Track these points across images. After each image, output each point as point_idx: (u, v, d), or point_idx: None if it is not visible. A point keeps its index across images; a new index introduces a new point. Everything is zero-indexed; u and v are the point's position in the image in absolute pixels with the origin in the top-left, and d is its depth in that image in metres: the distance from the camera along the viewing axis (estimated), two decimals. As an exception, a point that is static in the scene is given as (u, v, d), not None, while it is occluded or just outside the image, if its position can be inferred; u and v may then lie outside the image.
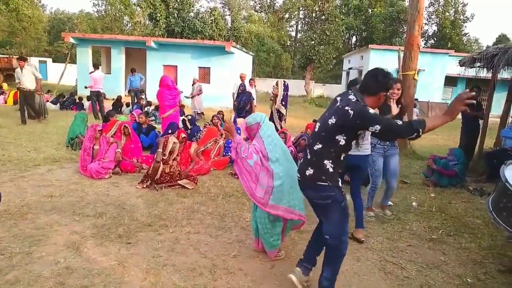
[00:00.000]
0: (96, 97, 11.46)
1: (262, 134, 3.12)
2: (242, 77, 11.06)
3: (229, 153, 6.61)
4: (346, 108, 2.37)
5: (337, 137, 2.42)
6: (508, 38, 33.57)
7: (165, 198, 4.71)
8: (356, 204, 3.80)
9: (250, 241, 3.61)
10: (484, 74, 7.78)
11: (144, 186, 5.08)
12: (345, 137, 2.42)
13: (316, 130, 2.58)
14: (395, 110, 4.04)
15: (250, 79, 12.25)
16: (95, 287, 2.70)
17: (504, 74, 7.40)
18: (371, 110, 2.34)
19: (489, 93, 7.95)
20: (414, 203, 5.09)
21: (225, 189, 5.24)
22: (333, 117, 2.42)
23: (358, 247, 3.62)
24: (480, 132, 7.32)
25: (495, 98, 8.38)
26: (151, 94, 14.06)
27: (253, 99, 10.21)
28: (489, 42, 52.92)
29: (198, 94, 12.81)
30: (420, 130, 2.27)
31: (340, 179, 2.53)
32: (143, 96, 13.75)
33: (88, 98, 13.80)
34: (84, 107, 13.10)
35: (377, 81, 2.49)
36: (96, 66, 12.41)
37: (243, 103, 9.73)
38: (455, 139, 8.83)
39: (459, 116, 7.10)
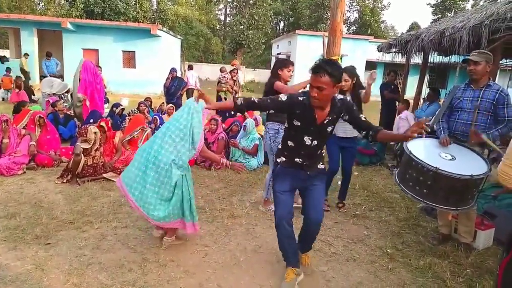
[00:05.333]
0: None
1: None
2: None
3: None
4: None
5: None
6: (419, 26, 36.61)
7: (88, 193, 4.40)
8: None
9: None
10: (400, 59, 8.39)
11: (64, 180, 4.69)
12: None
13: None
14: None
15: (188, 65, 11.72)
16: (8, 296, 2.45)
17: (416, 59, 8.05)
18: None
19: (404, 76, 8.63)
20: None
21: (155, 179, 5.05)
22: None
23: (289, 228, 3.72)
24: (397, 113, 7.93)
25: (409, 81, 9.11)
26: (70, 80, 12.98)
27: (186, 83, 9.84)
28: (403, 29, 57.29)
29: None
30: None
31: (285, 158, 2.68)
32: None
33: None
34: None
35: None
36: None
37: (174, 88, 9.40)
38: (375, 120, 9.46)
39: (378, 98, 7.59)
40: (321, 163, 2.74)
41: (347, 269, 3.06)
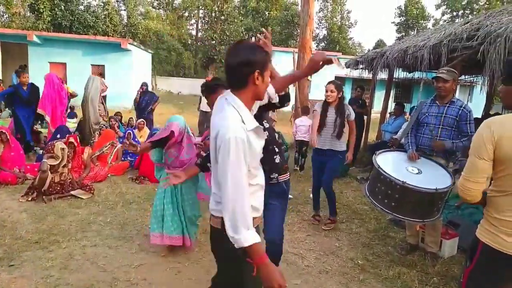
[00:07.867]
0: None
1: None
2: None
3: (128, 157, 6.27)
4: None
5: None
6: (385, 43, 38.13)
7: (55, 211, 4.25)
8: None
9: (154, 249, 3.46)
10: (367, 74, 8.70)
11: (29, 198, 4.52)
12: None
13: None
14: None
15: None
16: (-33, 323, 2.31)
17: (382, 75, 8.37)
18: None
19: (371, 92, 8.95)
20: (311, 195, 5.44)
21: (125, 196, 4.95)
22: None
23: (262, 242, 3.74)
24: (365, 127, 8.18)
25: (376, 96, 9.46)
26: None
27: (157, 98, 9.59)
28: (370, 46, 59.43)
29: None
30: None
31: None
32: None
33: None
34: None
35: None
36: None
37: (145, 103, 9.26)
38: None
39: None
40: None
41: (320, 281, 3.10)
